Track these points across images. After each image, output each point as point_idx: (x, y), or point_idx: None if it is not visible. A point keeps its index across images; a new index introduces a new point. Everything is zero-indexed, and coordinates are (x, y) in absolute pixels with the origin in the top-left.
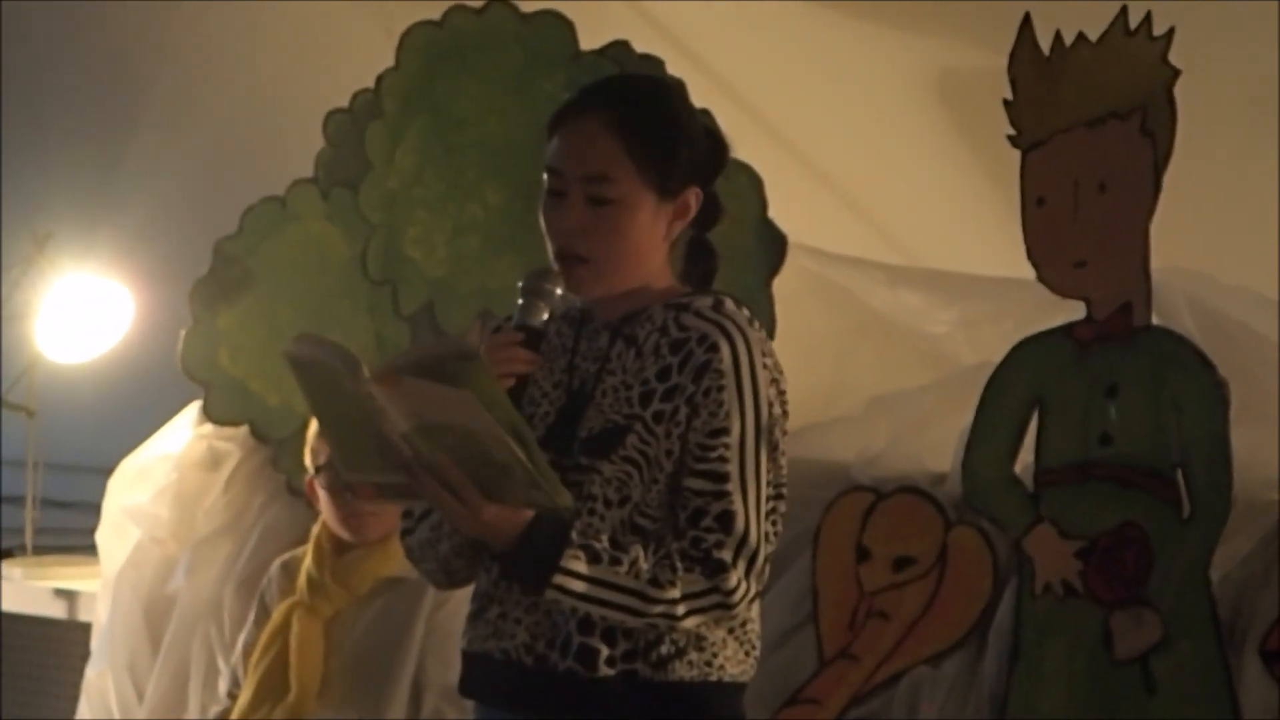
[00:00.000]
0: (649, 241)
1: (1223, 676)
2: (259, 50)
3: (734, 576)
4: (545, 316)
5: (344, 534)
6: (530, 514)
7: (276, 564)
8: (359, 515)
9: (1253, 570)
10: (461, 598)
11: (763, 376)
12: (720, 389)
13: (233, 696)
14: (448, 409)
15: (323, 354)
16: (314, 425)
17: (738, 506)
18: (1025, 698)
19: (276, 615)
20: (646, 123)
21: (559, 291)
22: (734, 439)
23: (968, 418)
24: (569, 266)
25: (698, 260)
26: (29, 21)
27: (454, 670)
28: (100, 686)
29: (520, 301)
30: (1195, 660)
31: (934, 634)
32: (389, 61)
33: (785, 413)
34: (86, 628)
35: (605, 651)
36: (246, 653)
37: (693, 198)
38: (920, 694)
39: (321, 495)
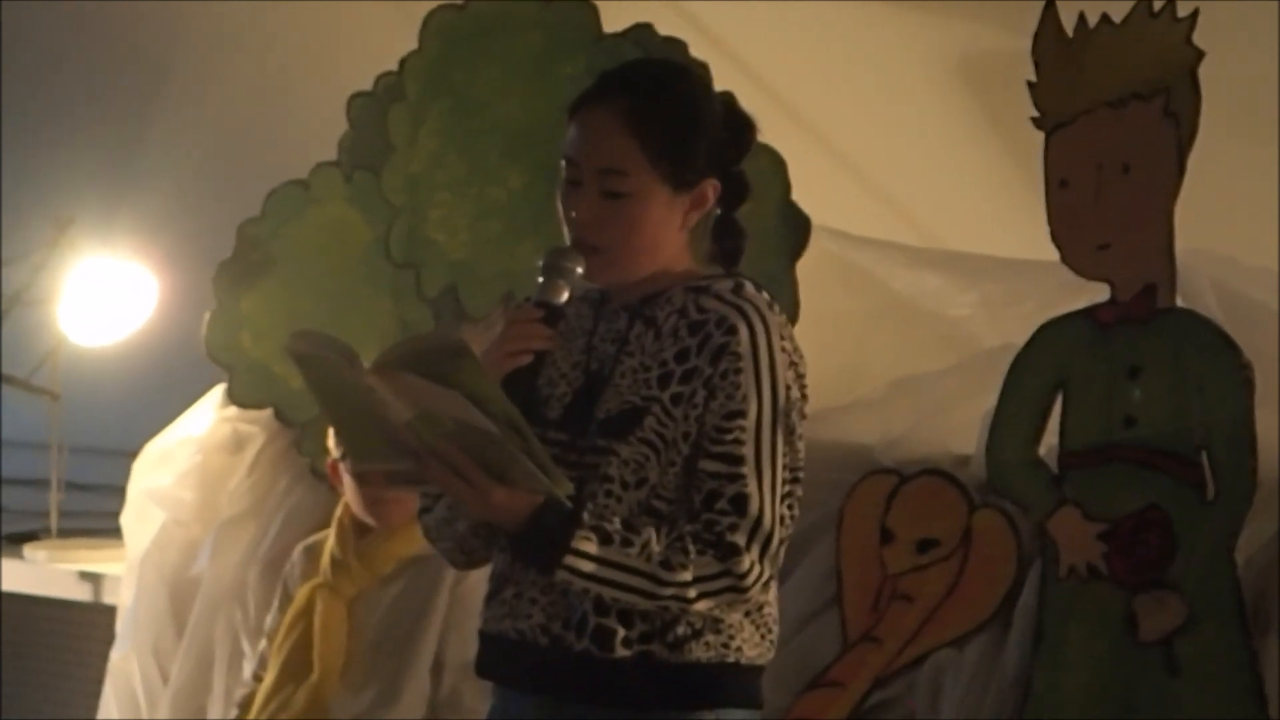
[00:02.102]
0: (663, 233)
1: (1247, 659)
2: (281, 32)
3: (747, 560)
4: (565, 294)
5: (369, 520)
6: (540, 496)
7: (299, 548)
8: (383, 502)
9: (1277, 553)
10: (483, 574)
11: (780, 360)
12: (737, 371)
13: (258, 679)
14: (440, 404)
15: (321, 347)
16: None
17: (752, 489)
18: (1049, 680)
19: (300, 597)
20: (663, 116)
21: (579, 270)
22: (750, 422)
23: (990, 400)
24: (584, 254)
25: (724, 239)
26: (46, 4)
27: (474, 648)
28: (125, 669)
29: (540, 279)
30: (1219, 643)
31: (957, 617)
32: (411, 45)
33: (804, 396)
34: (111, 611)
35: (621, 633)
36: (271, 637)
37: (710, 189)
38: (943, 676)
39: (346, 480)
